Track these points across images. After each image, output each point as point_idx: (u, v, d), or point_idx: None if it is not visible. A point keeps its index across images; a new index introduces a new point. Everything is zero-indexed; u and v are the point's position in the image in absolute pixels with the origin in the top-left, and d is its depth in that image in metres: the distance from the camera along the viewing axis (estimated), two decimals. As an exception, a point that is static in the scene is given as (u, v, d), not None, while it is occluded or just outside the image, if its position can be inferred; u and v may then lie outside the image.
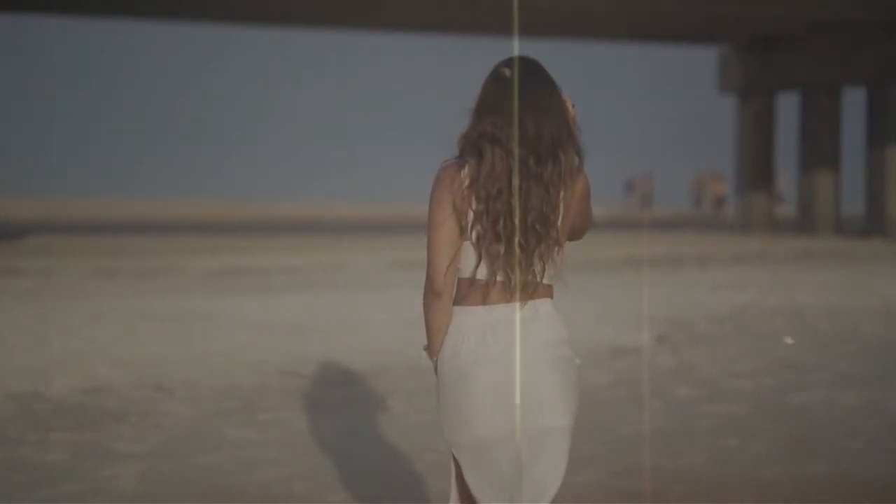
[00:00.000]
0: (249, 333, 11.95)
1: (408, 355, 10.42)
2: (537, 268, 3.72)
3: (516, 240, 3.67)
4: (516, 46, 3.98)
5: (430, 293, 3.75)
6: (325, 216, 42.96)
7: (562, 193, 3.73)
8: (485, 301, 3.73)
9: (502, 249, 3.68)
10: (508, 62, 3.77)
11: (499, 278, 3.71)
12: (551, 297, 3.79)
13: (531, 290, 3.73)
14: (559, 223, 3.74)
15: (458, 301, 3.77)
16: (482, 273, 3.72)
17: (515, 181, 3.66)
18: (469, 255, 3.74)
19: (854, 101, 31.91)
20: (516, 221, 3.66)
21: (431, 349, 3.81)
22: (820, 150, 31.85)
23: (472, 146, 3.72)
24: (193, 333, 11.85)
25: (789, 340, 6.83)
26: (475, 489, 3.79)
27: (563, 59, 3.98)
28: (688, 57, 64.79)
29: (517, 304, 3.72)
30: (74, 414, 8.39)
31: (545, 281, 3.76)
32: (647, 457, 7.44)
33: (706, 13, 29.47)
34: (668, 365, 10.85)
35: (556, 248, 3.74)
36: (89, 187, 58.10)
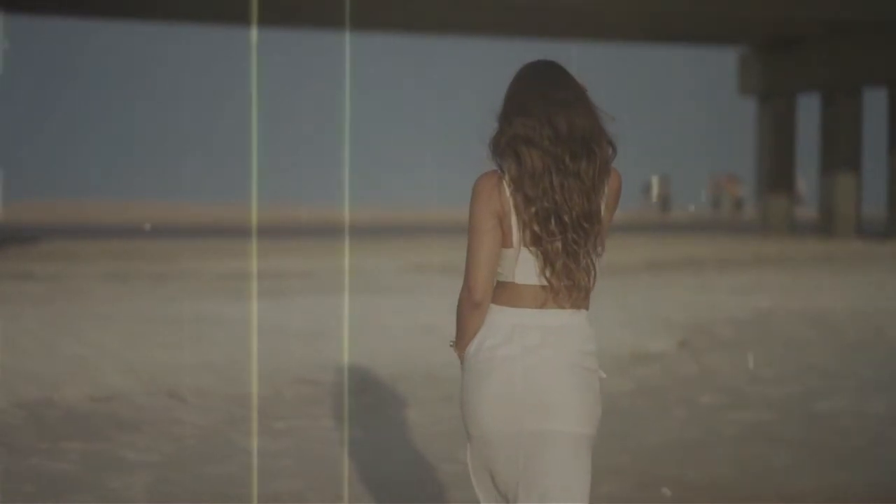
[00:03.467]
0: (262, 339, 11.81)
1: (424, 362, 10.27)
2: (586, 264, 3.66)
3: (569, 236, 3.62)
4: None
5: (469, 303, 3.69)
6: (336, 220, 42.88)
7: (600, 189, 3.70)
8: (530, 304, 3.67)
9: (560, 246, 3.62)
10: (533, 65, 3.74)
11: (564, 283, 3.64)
12: (588, 308, 3.74)
13: (580, 297, 3.68)
14: (602, 217, 3.71)
15: (497, 300, 3.70)
16: (549, 273, 3.64)
17: (556, 180, 3.61)
18: (516, 259, 3.65)
19: (875, 102, 31.74)
20: (566, 219, 3.62)
21: (461, 346, 3.77)
22: (840, 151, 31.68)
23: (507, 148, 3.66)
24: (206, 339, 11.72)
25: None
26: (478, 487, 3.77)
27: (580, 61, 3.86)
28: (707, 59, 64.76)
29: (561, 311, 3.66)
30: (85, 422, 8.26)
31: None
32: (672, 467, 7.29)
33: (725, 14, 29.32)
34: (691, 371, 10.68)
35: (600, 247, 3.69)
36: (99, 190, 58.20)
